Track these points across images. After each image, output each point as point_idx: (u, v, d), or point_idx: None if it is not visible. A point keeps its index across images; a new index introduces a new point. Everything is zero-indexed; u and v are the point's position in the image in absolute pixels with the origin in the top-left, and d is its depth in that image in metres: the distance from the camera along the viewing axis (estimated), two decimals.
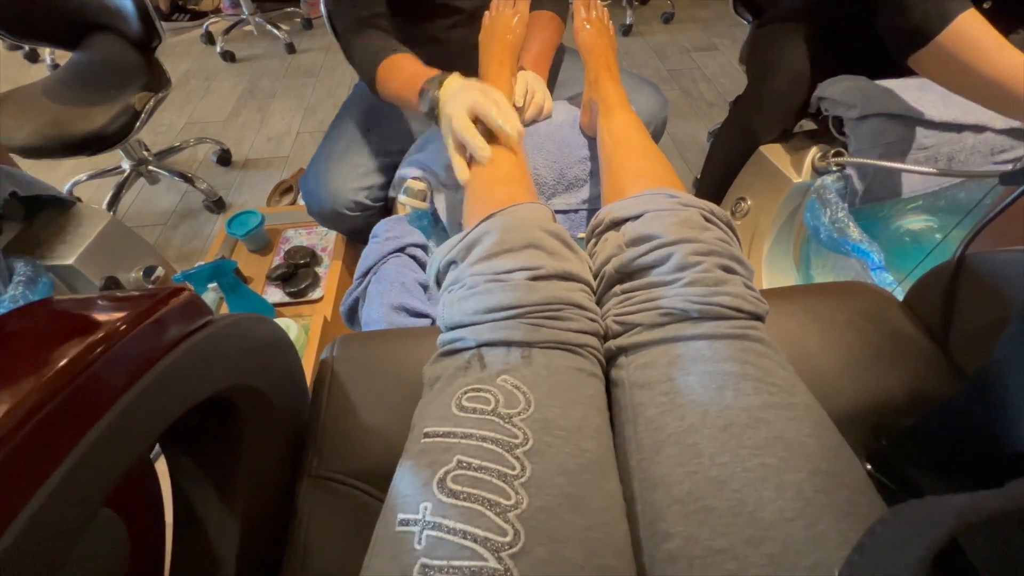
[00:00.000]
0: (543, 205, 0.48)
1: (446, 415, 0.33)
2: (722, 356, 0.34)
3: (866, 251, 0.73)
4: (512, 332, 0.36)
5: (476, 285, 0.40)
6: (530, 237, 0.42)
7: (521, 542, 0.27)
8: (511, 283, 0.39)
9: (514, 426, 0.32)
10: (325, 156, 0.85)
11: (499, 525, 0.27)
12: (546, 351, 0.36)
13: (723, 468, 0.30)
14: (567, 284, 0.41)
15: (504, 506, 0.28)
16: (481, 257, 0.42)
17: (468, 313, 0.38)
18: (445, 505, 0.28)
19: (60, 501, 0.22)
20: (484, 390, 0.34)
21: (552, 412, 0.33)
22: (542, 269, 0.40)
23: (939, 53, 0.60)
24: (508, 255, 0.41)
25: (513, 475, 0.29)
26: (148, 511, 0.37)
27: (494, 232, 0.42)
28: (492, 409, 0.33)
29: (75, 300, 0.36)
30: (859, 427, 0.41)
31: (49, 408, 0.22)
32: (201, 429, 0.36)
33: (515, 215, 0.44)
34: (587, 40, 0.75)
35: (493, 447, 0.30)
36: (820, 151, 0.83)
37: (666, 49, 2.21)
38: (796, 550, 0.27)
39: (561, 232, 0.44)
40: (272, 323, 0.41)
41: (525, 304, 0.37)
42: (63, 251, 0.84)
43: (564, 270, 0.41)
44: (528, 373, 0.35)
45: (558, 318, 0.38)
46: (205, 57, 2.33)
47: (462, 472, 0.30)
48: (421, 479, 0.30)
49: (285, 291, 0.99)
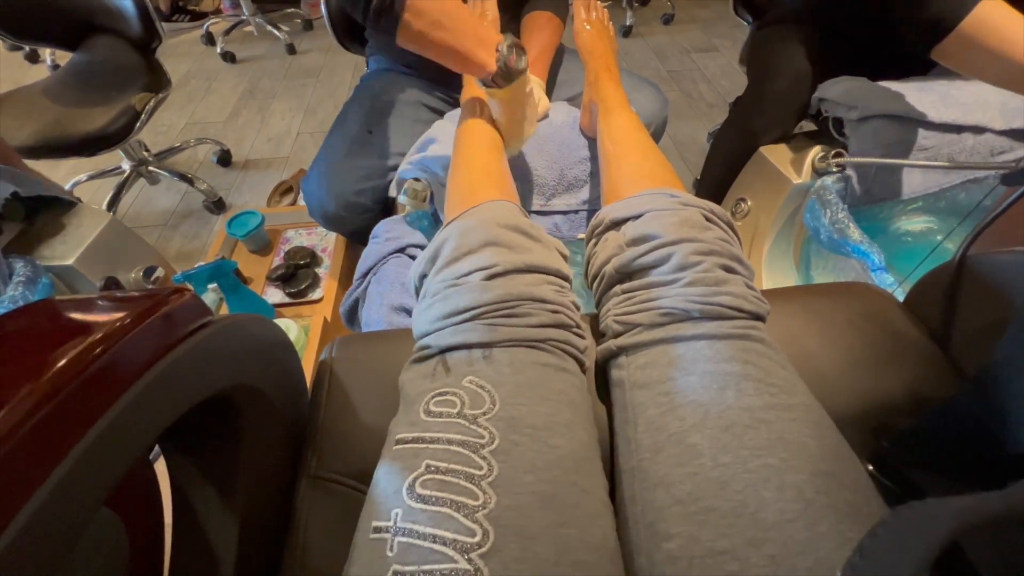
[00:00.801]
0: (507, 202, 0.48)
1: (415, 421, 0.33)
2: (723, 356, 0.34)
3: (866, 252, 0.73)
4: (469, 334, 0.36)
5: (438, 292, 0.40)
6: (487, 236, 0.42)
7: (490, 541, 0.27)
8: (467, 285, 0.39)
9: (479, 426, 0.32)
10: (326, 157, 0.85)
11: (467, 526, 0.27)
12: (507, 349, 0.36)
13: (724, 469, 0.30)
14: (527, 277, 0.40)
15: (471, 507, 0.28)
16: (444, 264, 0.42)
17: (431, 321, 0.39)
18: (415, 510, 0.28)
19: (59, 501, 0.22)
20: (450, 393, 0.34)
21: (518, 410, 0.33)
22: (497, 266, 0.39)
23: (962, 42, 0.58)
24: (466, 258, 0.41)
25: (480, 475, 0.29)
26: (147, 511, 0.37)
27: (452, 237, 0.43)
28: (458, 411, 0.33)
29: (75, 300, 0.36)
30: (860, 428, 0.41)
31: (48, 408, 0.22)
32: (201, 429, 0.36)
33: (475, 216, 0.44)
34: (587, 41, 0.75)
35: (460, 449, 0.31)
36: (820, 152, 0.83)
37: (666, 50, 2.21)
38: (797, 551, 0.27)
39: (522, 224, 0.44)
40: (272, 323, 0.41)
41: (480, 304, 0.37)
42: (63, 251, 0.84)
43: (524, 263, 0.40)
44: (492, 372, 0.35)
45: (515, 315, 0.38)
46: (205, 58, 2.33)
47: (431, 476, 0.30)
48: (392, 486, 0.30)
49: (285, 292, 0.99)
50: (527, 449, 0.31)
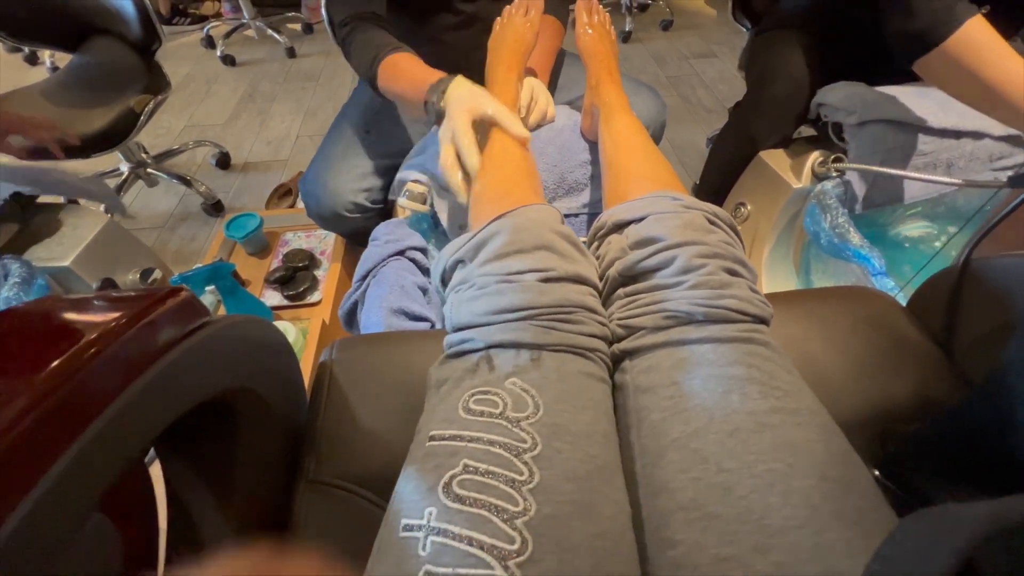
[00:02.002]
0: (552, 207, 0.47)
1: (452, 418, 0.32)
2: (727, 360, 0.34)
3: (867, 256, 0.73)
4: (523, 334, 0.36)
5: (486, 285, 0.39)
6: (541, 238, 0.41)
7: (529, 550, 0.26)
8: (522, 284, 0.38)
9: (522, 430, 0.31)
10: (324, 157, 0.84)
11: (506, 532, 0.27)
12: (556, 354, 0.36)
13: (729, 474, 0.29)
14: (578, 287, 0.40)
15: (511, 512, 0.27)
16: (491, 257, 0.41)
17: (478, 314, 0.38)
18: (451, 510, 0.27)
19: (50, 506, 0.21)
20: (492, 392, 0.33)
21: (561, 417, 0.32)
22: (553, 271, 0.39)
23: (945, 58, 0.59)
24: (519, 256, 0.40)
25: (521, 480, 0.29)
26: (142, 516, 0.37)
27: (504, 232, 0.42)
28: (500, 412, 0.32)
29: (70, 300, 0.35)
30: (864, 433, 0.41)
31: (41, 410, 0.22)
32: (197, 432, 0.35)
33: (526, 216, 0.44)
34: (589, 45, 0.75)
35: (501, 451, 0.30)
36: (820, 157, 0.83)
37: (665, 56, 2.22)
38: (803, 558, 0.26)
39: (571, 234, 0.44)
40: (270, 325, 0.40)
41: (536, 306, 0.37)
42: (60, 252, 0.83)
43: (575, 273, 0.40)
44: (537, 376, 0.34)
45: (569, 321, 0.37)
46: (205, 61, 2.33)
47: (469, 477, 0.29)
48: (426, 483, 0.29)
49: (283, 294, 0.98)
50: (568, 457, 0.31)
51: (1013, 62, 0.56)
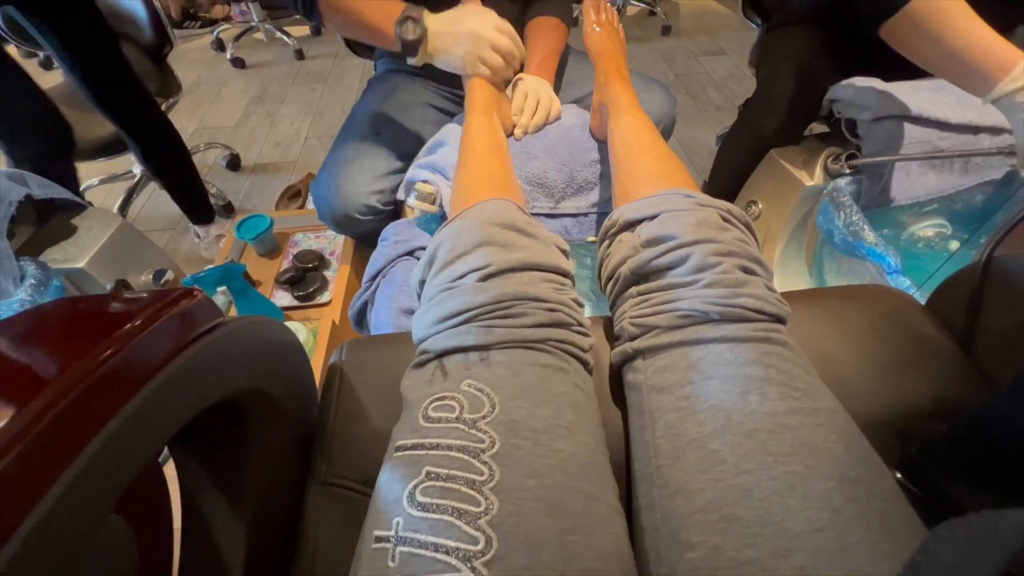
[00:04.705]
0: (502, 200, 0.47)
1: (415, 427, 0.33)
2: (744, 360, 0.33)
3: (882, 255, 0.72)
4: (465, 337, 0.36)
5: (433, 296, 0.40)
6: (479, 236, 0.41)
7: (493, 549, 0.26)
8: (461, 288, 0.38)
9: (479, 430, 0.31)
10: (335, 161, 0.85)
11: (470, 534, 0.27)
12: (504, 351, 0.35)
13: (748, 476, 0.29)
14: (523, 276, 0.39)
15: (473, 513, 0.27)
16: (439, 268, 0.41)
17: (428, 325, 0.38)
18: (416, 519, 0.28)
19: (69, 505, 0.21)
20: (449, 397, 0.33)
21: (518, 413, 0.32)
22: (491, 266, 0.39)
23: (909, 22, 0.60)
24: (460, 259, 0.40)
25: (481, 480, 0.29)
26: (156, 516, 0.37)
27: (446, 240, 0.42)
28: (457, 416, 0.32)
29: (87, 301, 0.35)
30: (885, 434, 0.40)
31: (58, 410, 0.22)
32: (210, 433, 0.35)
33: (468, 216, 0.44)
34: (597, 43, 0.75)
35: (460, 455, 0.30)
36: (833, 154, 0.82)
37: (673, 54, 2.21)
38: (827, 562, 0.25)
39: (517, 221, 0.43)
40: (282, 326, 0.40)
41: (474, 307, 0.37)
42: (74, 254, 0.85)
43: (519, 261, 0.39)
44: (489, 375, 0.34)
45: (511, 315, 0.37)
46: (216, 63, 2.36)
47: (431, 483, 0.29)
48: (393, 494, 0.29)
49: (293, 295, 0.99)
50: (528, 453, 0.30)
51: (975, 24, 0.56)
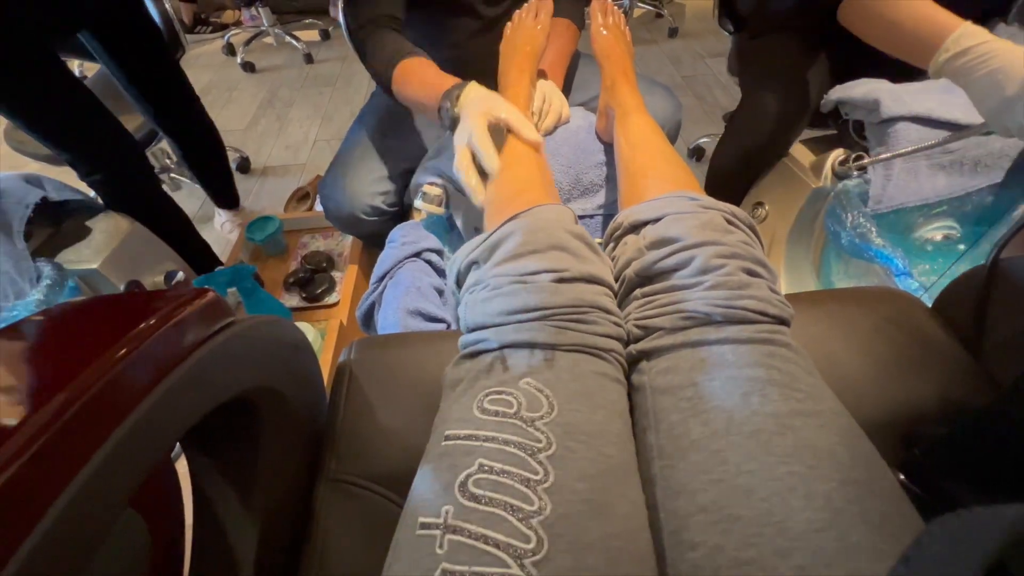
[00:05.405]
0: (567, 208, 0.47)
1: (468, 417, 0.33)
2: (747, 361, 0.34)
3: (890, 257, 0.72)
4: (537, 334, 0.36)
5: (500, 286, 0.39)
6: (555, 239, 0.41)
7: (544, 549, 0.26)
8: (536, 285, 0.38)
9: (537, 430, 0.31)
10: (342, 162, 0.86)
11: (522, 531, 0.27)
12: (570, 354, 0.36)
13: (750, 476, 0.29)
14: (592, 287, 0.40)
15: (527, 511, 0.28)
16: (505, 258, 0.41)
17: (492, 314, 0.38)
18: (467, 509, 0.28)
19: (87, 500, 0.22)
20: (506, 392, 0.33)
21: (575, 416, 0.32)
22: (567, 271, 0.39)
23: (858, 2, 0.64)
24: (533, 256, 0.40)
25: (536, 480, 0.29)
26: (168, 510, 0.38)
27: (518, 233, 0.42)
28: (515, 412, 0.32)
29: (102, 301, 0.36)
30: (889, 435, 0.40)
31: (75, 408, 0.23)
32: (221, 430, 0.36)
33: (539, 216, 0.44)
34: (604, 46, 0.75)
35: (516, 451, 0.30)
36: (840, 155, 0.81)
37: (680, 56, 2.21)
38: (827, 562, 0.26)
39: (584, 235, 0.44)
40: (292, 325, 0.41)
41: (550, 306, 0.37)
42: (88, 256, 0.86)
43: (589, 273, 0.40)
44: (551, 376, 0.34)
45: (583, 321, 0.37)
46: (226, 68, 2.38)
47: (484, 476, 0.29)
48: (442, 482, 0.30)
49: (302, 295, 1.00)
50: (582, 457, 0.31)
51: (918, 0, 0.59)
